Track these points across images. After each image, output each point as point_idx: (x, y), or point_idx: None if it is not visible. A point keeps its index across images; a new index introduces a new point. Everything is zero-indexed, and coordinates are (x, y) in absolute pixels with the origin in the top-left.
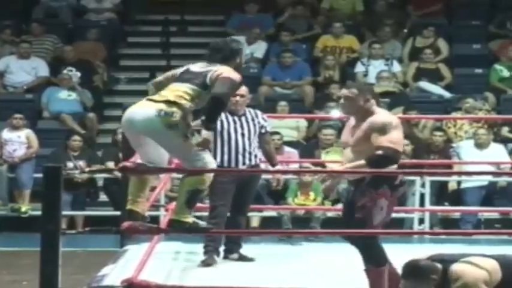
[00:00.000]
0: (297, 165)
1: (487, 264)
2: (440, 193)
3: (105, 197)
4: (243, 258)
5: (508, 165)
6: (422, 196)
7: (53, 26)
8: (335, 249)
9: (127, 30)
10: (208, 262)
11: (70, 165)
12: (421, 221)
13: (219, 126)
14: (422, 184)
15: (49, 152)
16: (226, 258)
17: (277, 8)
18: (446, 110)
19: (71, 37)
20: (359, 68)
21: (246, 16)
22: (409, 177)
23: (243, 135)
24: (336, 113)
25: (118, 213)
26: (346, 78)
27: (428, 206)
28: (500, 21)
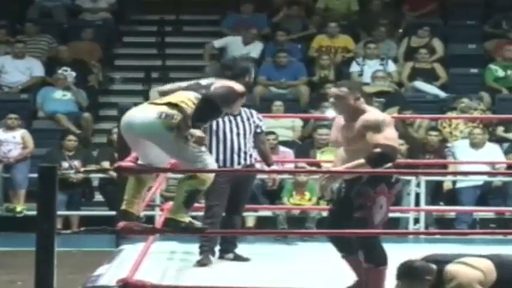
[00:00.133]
0: (292, 165)
1: (482, 264)
2: (436, 193)
3: (100, 197)
4: (239, 258)
5: (503, 165)
6: (417, 196)
7: (47, 25)
8: (330, 249)
9: (122, 30)
10: (203, 262)
11: (65, 165)
12: (416, 220)
13: (215, 126)
14: (418, 184)
15: (44, 152)
16: (221, 258)
17: (272, 7)
18: (442, 109)
19: (66, 37)
20: (354, 67)
21: (241, 16)
22: (405, 177)
23: (238, 134)
24: (331, 112)
25: (113, 213)
26: (342, 78)
27: (423, 205)
28: (496, 21)
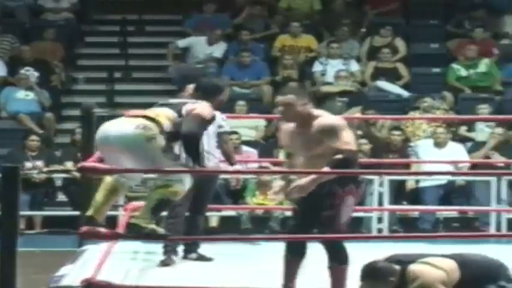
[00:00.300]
0: (255, 164)
1: (445, 264)
2: (399, 192)
3: (63, 197)
4: (202, 258)
5: (467, 164)
6: (380, 195)
7: (10, 25)
8: None
9: (84, 29)
10: (166, 262)
11: (28, 165)
12: (380, 220)
13: None
14: (381, 183)
15: (6, 152)
16: (185, 258)
17: (234, 7)
18: (404, 109)
19: (28, 37)
20: (317, 67)
21: (203, 16)
22: (368, 177)
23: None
24: None
25: (77, 213)
26: (304, 77)
27: (386, 205)
28: (458, 21)
